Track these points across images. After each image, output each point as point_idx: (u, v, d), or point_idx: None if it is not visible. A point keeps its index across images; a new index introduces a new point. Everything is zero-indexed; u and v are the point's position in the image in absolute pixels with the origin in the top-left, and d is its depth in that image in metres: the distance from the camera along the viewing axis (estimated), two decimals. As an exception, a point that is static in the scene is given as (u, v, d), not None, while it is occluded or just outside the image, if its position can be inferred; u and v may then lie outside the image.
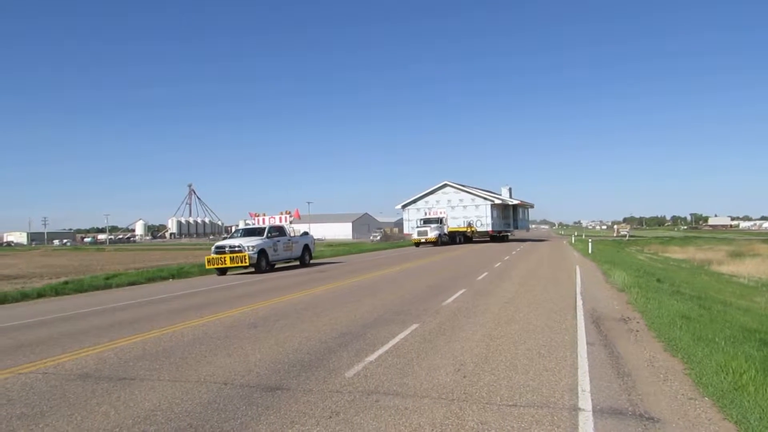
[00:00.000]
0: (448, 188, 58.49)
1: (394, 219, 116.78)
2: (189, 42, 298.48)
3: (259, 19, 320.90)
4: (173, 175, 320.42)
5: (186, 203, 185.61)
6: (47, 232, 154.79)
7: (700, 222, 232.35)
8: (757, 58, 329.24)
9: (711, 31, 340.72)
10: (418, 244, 46.06)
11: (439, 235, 46.11)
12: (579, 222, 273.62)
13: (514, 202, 61.47)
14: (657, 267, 26.60)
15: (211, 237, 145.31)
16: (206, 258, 22.21)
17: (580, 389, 5.35)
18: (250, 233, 23.62)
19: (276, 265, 23.97)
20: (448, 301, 11.78)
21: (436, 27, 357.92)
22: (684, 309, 10.03)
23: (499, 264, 23.19)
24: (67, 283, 19.02)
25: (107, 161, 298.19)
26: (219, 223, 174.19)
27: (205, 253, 22.21)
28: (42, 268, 33.92)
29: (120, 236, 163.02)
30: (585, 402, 4.97)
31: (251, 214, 26.44)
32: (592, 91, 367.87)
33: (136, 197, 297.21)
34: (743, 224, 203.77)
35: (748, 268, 28.27)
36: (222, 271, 21.97)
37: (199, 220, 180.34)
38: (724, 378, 5.47)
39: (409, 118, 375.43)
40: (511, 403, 4.98)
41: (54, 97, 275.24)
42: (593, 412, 4.72)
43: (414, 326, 8.78)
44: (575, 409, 4.81)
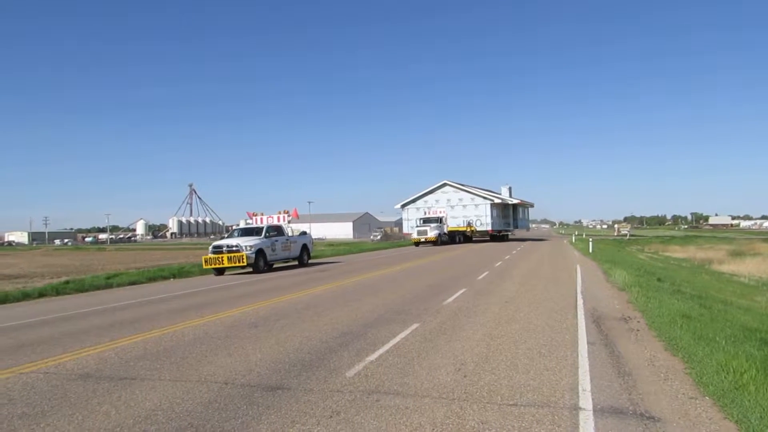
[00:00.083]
0: (447, 187, 58.39)
1: (395, 218, 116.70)
2: (189, 42, 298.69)
3: (259, 19, 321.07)
4: (174, 175, 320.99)
5: (187, 203, 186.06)
6: (48, 232, 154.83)
7: (701, 221, 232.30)
8: (757, 57, 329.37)
9: (711, 30, 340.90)
10: (417, 243, 46.03)
11: (439, 235, 46.08)
12: (579, 221, 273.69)
13: (513, 201, 61.46)
14: (657, 266, 26.60)
15: (211, 237, 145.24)
16: (203, 258, 22.02)
17: (580, 388, 5.35)
18: (248, 233, 23.42)
19: (274, 265, 23.85)
20: (449, 300, 11.79)
21: (436, 27, 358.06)
22: (684, 308, 10.03)
23: (499, 263, 23.19)
24: (68, 282, 19.04)
25: (108, 161, 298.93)
26: (220, 222, 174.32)
27: (206, 253, 22.06)
28: (43, 268, 33.95)
29: (121, 236, 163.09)
30: (586, 401, 4.97)
31: (249, 213, 26.19)
32: (592, 90, 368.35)
33: (137, 197, 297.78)
34: (744, 223, 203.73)
35: (748, 268, 28.27)
36: (219, 271, 21.77)
37: (200, 219, 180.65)
38: (725, 377, 5.47)
39: (409, 118, 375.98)
40: (511, 403, 4.98)
41: (54, 97, 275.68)
42: (594, 411, 4.72)
43: (414, 326, 8.79)
44: (576, 408, 4.81)
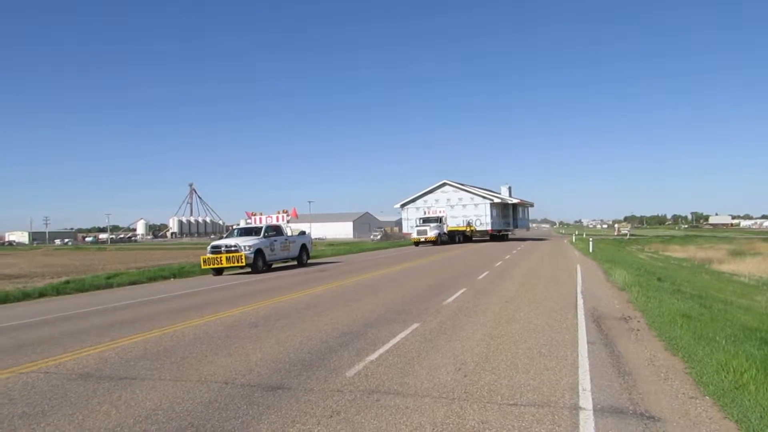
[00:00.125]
0: (447, 187, 58.31)
1: (395, 218, 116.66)
2: (189, 42, 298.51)
3: (259, 19, 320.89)
4: (174, 175, 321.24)
5: (187, 203, 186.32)
6: (49, 232, 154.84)
7: (701, 221, 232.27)
8: (758, 56, 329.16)
9: (711, 29, 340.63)
10: (417, 243, 45.98)
11: (439, 235, 46.04)
12: (580, 221, 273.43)
13: (513, 200, 61.44)
14: (658, 266, 26.61)
15: (212, 236, 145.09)
16: (201, 258, 21.84)
17: (580, 388, 5.35)
18: (247, 233, 23.29)
19: (273, 265, 23.72)
20: (449, 300, 11.79)
21: (436, 27, 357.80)
22: (685, 308, 10.03)
23: (499, 263, 23.19)
24: (68, 282, 19.05)
25: (108, 161, 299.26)
26: (220, 222, 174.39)
27: (206, 253, 21.99)
28: (43, 268, 33.96)
29: (121, 236, 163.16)
30: (586, 401, 4.97)
31: (248, 213, 26.01)
32: (592, 90, 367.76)
33: (138, 197, 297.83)
34: (744, 223, 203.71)
35: (748, 267, 28.28)
36: (218, 272, 21.63)
37: (200, 219, 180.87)
38: (725, 377, 5.47)
39: (409, 118, 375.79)
40: (512, 402, 4.99)
41: (54, 97, 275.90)
42: (594, 411, 4.72)
43: (415, 325, 8.79)
44: (576, 408, 4.81)
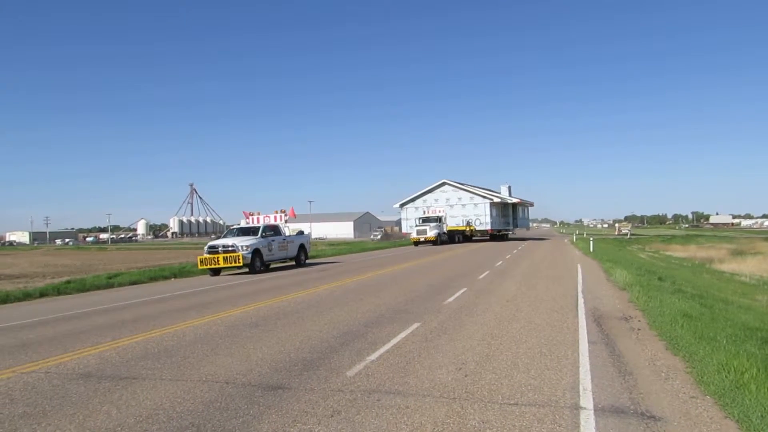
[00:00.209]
0: (446, 186, 58.12)
1: (396, 218, 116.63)
2: (189, 42, 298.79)
3: (259, 19, 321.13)
4: (175, 175, 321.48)
5: (188, 202, 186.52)
6: (49, 232, 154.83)
7: (702, 220, 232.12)
8: (758, 55, 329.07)
9: (712, 28, 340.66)
10: (417, 243, 45.93)
11: (439, 234, 45.98)
12: (580, 220, 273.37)
13: (513, 200, 61.32)
14: (658, 265, 26.60)
15: (213, 236, 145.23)
16: (198, 258, 21.63)
17: (581, 388, 5.35)
18: (244, 232, 23.12)
19: (271, 266, 23.60)
20: (450, 300, 11.78)
21: (436, 26, 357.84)
22: (685, 307, 10.02)
23: (500, 263, 23.18)
24: (69, 282, 19.07)
25: (108, 161, 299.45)
26: (221, 222, 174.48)
27: (203, 253, 21.90)
28: (44, 268, 33.99)
29: (122, 235, 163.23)
30: (586, 401, 4.97)
31: (245, 213, 25.75)
32: (593, 88, 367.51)
33: (138, 197, 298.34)
34: (745, 222, 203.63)
35: (749, 267, 28.29)
36: (215, 272, 21.49)
37: (200, 219, 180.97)
38: (726, 376, 5.47)
39: (410, 117, 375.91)
40: (512, 402, 4.98)
41: (54, 97, 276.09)
42: (595, 410, 4.72)
43: (415, 325, 8.78)
44: (577, 407, 4.81)
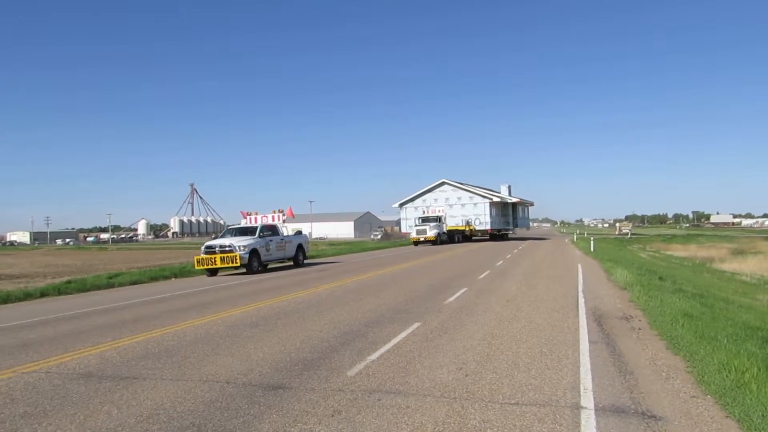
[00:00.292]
0: (446, 186, 57.93)
1: (396, 218, 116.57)
2: (189, 42, 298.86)
3: (259, 19, 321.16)
4: (175, 175, 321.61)
5: (188, 202, 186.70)
6: (50, 232, 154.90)
7: (703, 220, 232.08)
8: (758, 54, 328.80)
9: (712, 27, 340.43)
10: (416, 242, 45.88)
11: (438, 234, 45.90)
12: (581, 220, 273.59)
13: (513, 200, 61.24)
14: (659, 265, 26.59)
15: (213, 236, 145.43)
16: (195, 258, 21.45)
17: (582, 387, 5.35)
18: (242, 232, 22.93)
19: (269, 266, 23.48)
20: (450, 299, 11.78)
21: (436, 26, 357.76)
22: (686, 307, 10.02)
23: (500, 263, 23.16)
24: (69, 282, 19.08)
25: (109, 161, 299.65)
26: (221, 222, 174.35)
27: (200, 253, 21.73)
28: (45, 268, 34.01)
29: (123, 235, 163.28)
30: (587, 400, 4.97)
31: (243, 213, 25.52)
32: (593, 87, 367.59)
33: (139, 196, 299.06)
34: (745, 222, 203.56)
35: (750, 266, 28.28)
36: (212, 272, 21.32)
37: (201, 219, 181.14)
38: (727, 376, 5.46)
39: (410, 117, 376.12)
40: (513, 402, 4.98)
41: (54, 97, 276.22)
42: (595, 410, 4.71)
43: (416, 325, 8.78)
44: (577, 407, 4.81)
